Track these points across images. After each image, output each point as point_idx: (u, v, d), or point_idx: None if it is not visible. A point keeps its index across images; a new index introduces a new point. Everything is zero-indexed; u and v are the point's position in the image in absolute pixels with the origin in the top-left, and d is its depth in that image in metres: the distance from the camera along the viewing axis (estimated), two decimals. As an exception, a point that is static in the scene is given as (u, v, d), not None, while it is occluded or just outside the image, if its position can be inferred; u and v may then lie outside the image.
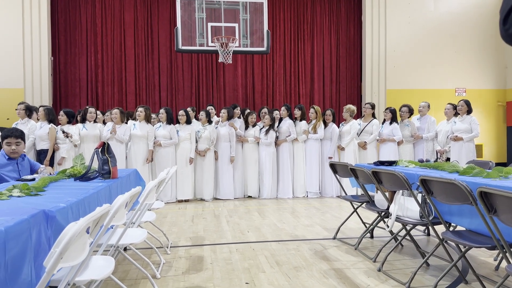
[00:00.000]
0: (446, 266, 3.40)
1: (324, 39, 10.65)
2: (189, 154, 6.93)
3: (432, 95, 10.05)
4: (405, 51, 10.33)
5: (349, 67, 10.76)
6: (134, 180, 4.18)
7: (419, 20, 10.39)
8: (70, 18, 9.88)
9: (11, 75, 9.21)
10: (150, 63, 10.11)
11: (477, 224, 2.75)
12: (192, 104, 10.04)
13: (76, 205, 2.33)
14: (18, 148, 3.72)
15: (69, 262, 1.60)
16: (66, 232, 1.52)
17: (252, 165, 7.24)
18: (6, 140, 3.69)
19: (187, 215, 5.86)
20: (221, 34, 7.23)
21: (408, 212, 3.32)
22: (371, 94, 10.31)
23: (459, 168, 3.39)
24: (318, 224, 5.23)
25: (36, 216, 1.88)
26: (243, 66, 10.38)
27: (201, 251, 4.05)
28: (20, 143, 3.75)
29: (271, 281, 3.19)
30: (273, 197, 7.28)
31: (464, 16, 10.44)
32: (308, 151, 7.39)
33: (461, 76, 10.48)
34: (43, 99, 9.25)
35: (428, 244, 4.29)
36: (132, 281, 3.21)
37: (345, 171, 4.42)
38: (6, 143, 3.69)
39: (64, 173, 3.46)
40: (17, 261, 1.63)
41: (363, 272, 3.40)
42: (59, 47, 9.84)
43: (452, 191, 2.58)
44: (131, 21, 10.02)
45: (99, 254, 2.39)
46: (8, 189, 2.46)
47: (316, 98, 10.63)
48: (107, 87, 9.95)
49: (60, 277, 1.85)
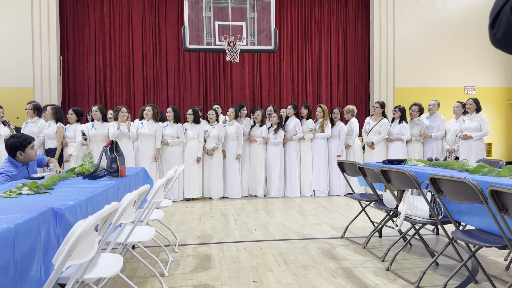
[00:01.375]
0: (455, 266, 3.37)
1: (331, 37, 10.60)
2: (196, 152, 6.94)
3: (441, 93, 9.97)
4: (413, 49, 10.25)
5: (357, 65, 10.71)
6: (142, 178, 4.19)
7: (428, 17, 10.30)
8: (78, 17, 9.94)
9: (20, 74, 9.29)
10: (158, 62, 10.14)
11: (488, 223, 2.72)
12: (199, 103, 10.07)
13: (85, 203, 2.34)
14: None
15: (77, 260, 1.60)
16: (75, 230, 1.52)
17: (259, 164, 7.22)
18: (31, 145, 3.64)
19: (194, 214, 5.87)
20: (228, 33, 7.22)
21: (417, 211, 3.29)
22: (379, 92, 10.24)
23: (469, 167, 3.36)
24: (325, 223, 5.21)
25: (45, 213, 1.89)
26: (250, 64, 10.38)
27: (209, 249, 4.06)
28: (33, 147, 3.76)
29: (279, 279, 3.18)
30: (280, 195, 7.27)
31: (473, 13, 10.33)
32: (315, 150, 7.36)
33: (471, 74, 10.37)
34: (52, 98, 9.32)
35: (437, 244, 4.26)
36: (140, 279, 3.22)
37: (353, 170, 4.40)
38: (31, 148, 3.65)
39: (73, 171, 3.48)
40: (26, 259, 1.64)
41: (371, 271, 3.38)
42: (68, 47, 9.91)
43: (462, 190, 2.56)
44: (139, 20, 10.06)
45: (108, 252, 2.40)
46: (18, 187, 2.48)
47: (323, 97, 10.59)
48: (115, 86, 10.00)
49: (69, 275, 1.86)
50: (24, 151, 3.61)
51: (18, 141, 3.60)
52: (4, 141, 3.76)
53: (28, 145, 3.62)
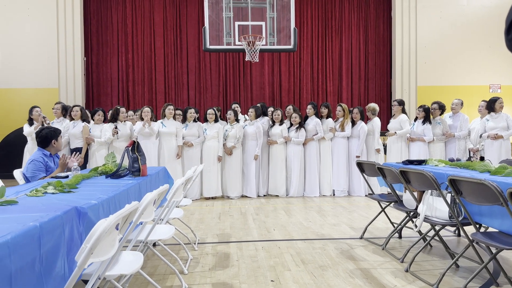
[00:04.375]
0: (476, 268, 3.31)
1: (352, 35, 10.52)
2: (215, 152, 7.01)
3: (465, 91, 9.77)
4: (436, 47, 10.07)
5: (378, 63, 10.59)
6: (163, 177, 4.28)
7: (452, 14, 10.10)
8: (101, 19, 10.17)
9: (46, 75, 9.58)
10: (179, 62, 10.28)
11: (509, 226, 2.67)
12: (219, 103, 10.16)
13: (107, 202, 2.42)
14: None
15: (99, 257, 1.66)
16: (96, 229, 1.58)
17: (279, 163, 7.23)
18: (60, 135, 4.10)
19: (214, 213, 5.94)
20: (248, 33, 7.26)
21: (437, 212, 3.25)
22: (401, 91, 10.11)
23: (490, 168, 3.30)
24: (345, 223, 5.19)
25: (68, 212, 1.97)
26: (270, 64, 10.40)
27: (228, 248, 4.11)
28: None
29: (297, 279, 3.20)
30: (299, 195, 7.27)
31: (499, 9, 10.07)
32: (335, 149, 7.31)
33: (496, 72, 10.12)
34: (76, 99, 9.57)
35: (458, 245, 4.19)
36: (161, 276, 3.29)
37: (372, 170, 4.37)
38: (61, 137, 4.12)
39: (96, 171, 3.58)
40: (51, 255, 1.71)
41: (390, 272, 3.36)
42: (92, 48, 10.15)
43: (482, 192, 2.52)
44: (160, 21, 10.22)
45: (129, 249, 2.47)
46: (43, 186, 2.58)
47: (344, 96, 10.52)
48: (137, 86, 10.19)
49: (92, 272, 1.93)
50: (57, 140, 4.05)
51: (52, 130, 4.08)
52: (36, 133, 4.15)
53: (60, 134, 4.12)
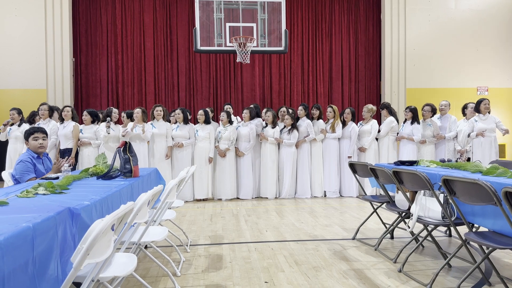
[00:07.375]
0: (468, 268, 3.34)
1: (342, 38, 10.58)
2: (207, 153, 6.98)
3: (454, 94, 9.88)
4: (425, 50, 10.18)
5: (368, 66, 10.66)
6: (155, 178, 4.24)
7: (440, 17, 10.22)
8: (91, 19, 10.06)
9: (34, 76, 9.44)
10: (169, 63, 10.21)
11: (501, 225, 2.70)
12: (210, 104, 10.11)
13: (100, 203, 2.38)
14: (45, 143, 3.84)
15: (95, 259, 1.63)
16: (93, 229, 1.55)
17: (270, 165, 7.21)
18: (33, 136, 3.81)
19: (205, 214, 5.90)
20: (239, 34, 7.25)
21: (430, 212, 3.27)
22: (391, 93, 10.19)
23: (482, 168, 3.33)
24: (337, 224, 5.20)
25: (62, 213, 1.93)
26: (260, 65, 10.39)
27: (220, 249, 4.08)
28: (45, 138, 3.87)
29: (290, 280, 3.19)
30: (291, 197, 7.26)
31: (486, 13, 10.23)
32: (326, 151, 7.33)
33: (483, 74, 10.26)
34: (65, 100, 9.45)
35: (450, 245, 4.23)
36: (153, 278, 3.25)
37: (365, 171, 4.39)
38: (33, 138, 3.80)
39: (87, 172, 3.53)
40: (44, 257, 1.67)
41: (383, 272, 3.37)
42: (80, 49, 10.04)
43: (475, 192, 2.54)
44: (150, 22, 10.15)
45: (122, 251, 2.43)
46: (34, 187, 2.53)
47: (334, 98, 10.57)
48: (127, 87, 10.10)
49: (84, 274, 1.89)
50: (28, 141, 3.83)
51: (26, 131, 3.91)
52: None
53: (32, 135, 3.83)
